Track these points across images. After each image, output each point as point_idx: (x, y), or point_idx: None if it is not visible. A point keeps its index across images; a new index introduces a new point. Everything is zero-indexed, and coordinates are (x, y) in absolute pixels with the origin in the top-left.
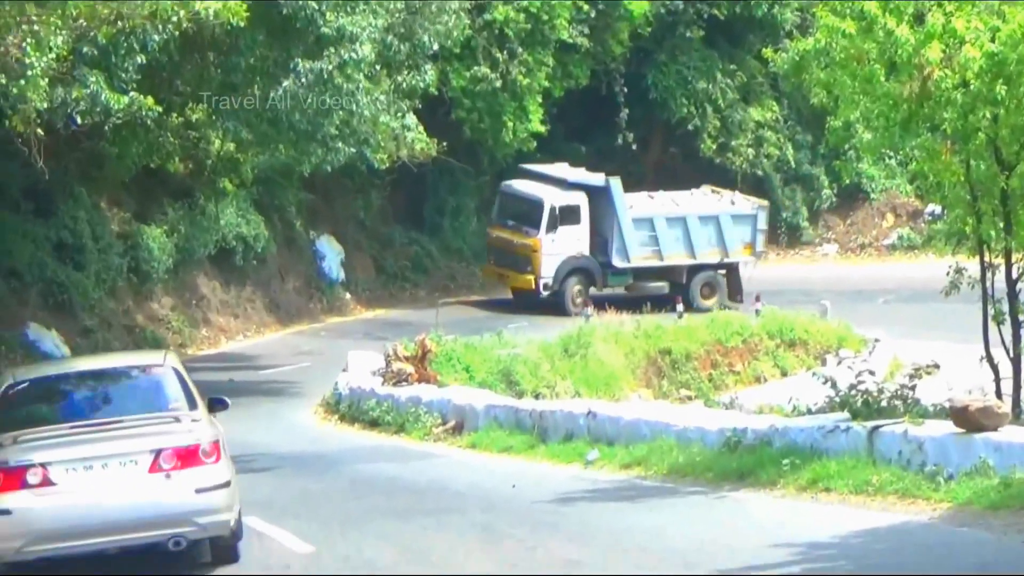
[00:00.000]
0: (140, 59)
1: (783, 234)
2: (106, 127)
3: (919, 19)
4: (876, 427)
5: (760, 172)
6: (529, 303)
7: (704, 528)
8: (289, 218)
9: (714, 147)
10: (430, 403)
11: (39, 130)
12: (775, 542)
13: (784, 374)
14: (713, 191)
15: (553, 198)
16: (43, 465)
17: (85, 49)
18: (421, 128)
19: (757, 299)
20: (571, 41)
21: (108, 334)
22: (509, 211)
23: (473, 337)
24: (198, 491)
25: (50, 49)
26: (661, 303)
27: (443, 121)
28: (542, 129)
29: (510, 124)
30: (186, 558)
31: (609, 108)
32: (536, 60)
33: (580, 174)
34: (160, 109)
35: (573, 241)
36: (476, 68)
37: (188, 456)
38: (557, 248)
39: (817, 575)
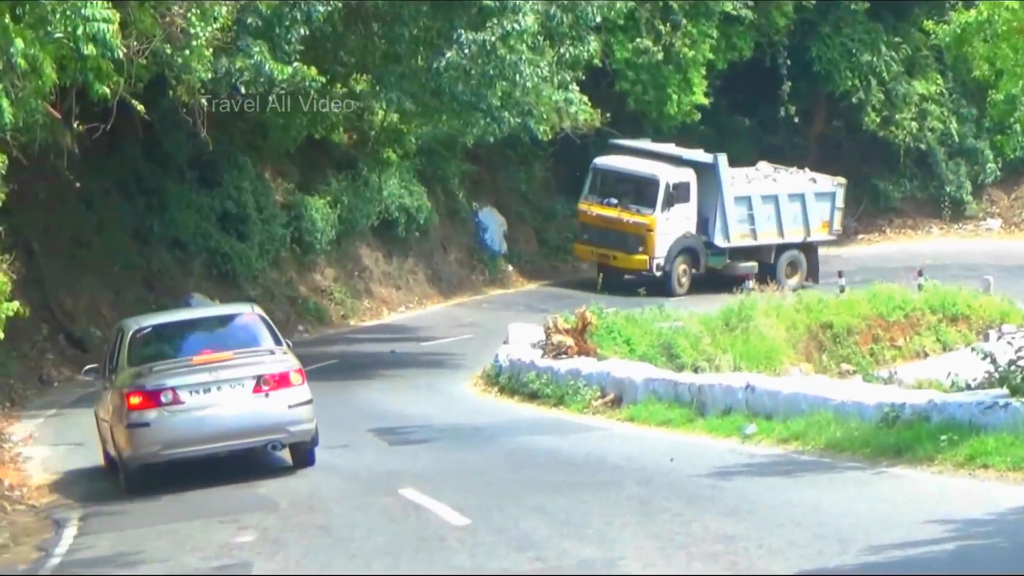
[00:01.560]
0: (303, 30)
1: (947, 208)
2: (270, 97)
3: None
4: None
5: (923, 146)
6: (617, 283)
7: (860, 503)
8: (452, 189)
9: (877, 120)
10: (589, 376)
11: (204, 100)
12: (931, 518)
13: (946, 349)
14: (774, 167)
15: (667, 175)
16: (173, 388)
17: (249, 20)
18: (584, 99)
19: (840, 275)
20: (735, 13)
21: (271, 304)
22: (609, 188)
23: (634, 310)
24: (290, 407)
25: (214, 19)
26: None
27: (606, 92)
28: (705, 101)
29: (674, 96)
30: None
31: (772, 81)
32: (700, 32)
33: (689, 151)
34: (324, 79)
35: (683, 220)
36: (639, 40)
37: (281, 380)
38: (670, 227)
39: (973, 552)
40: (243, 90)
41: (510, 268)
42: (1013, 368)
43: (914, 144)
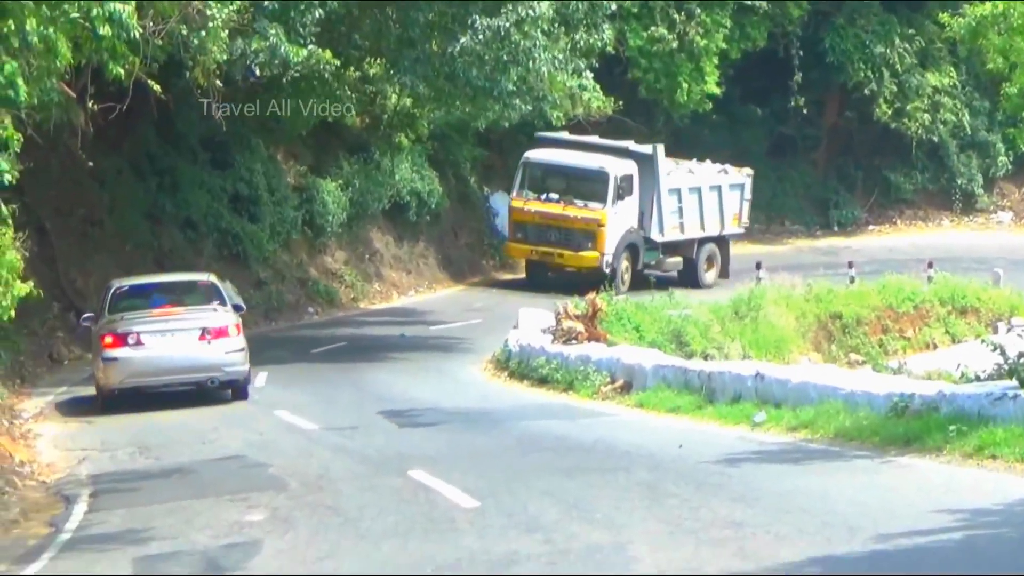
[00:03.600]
0: (319, 12)
1: (958, 201)
2: (284, 80)
3: None
4: None
5: (935, 138)
6: (544, 283)
7: (868, 492)
8: (463, 174)
9: (889, 112)
10: (599, 362)
11: (218, 81)
12: (939, 508)
13: (955, 341)
14: (675, 162)
15: (615, 168)
16: (137, 333)
17: (265, 2)
18: (597, 87)
19: (850, 266)
20: (749, 3)
21: (281, 286)
22: (547, 183)
23: (644, 297)
24: (226, 352)
25: (231, 1)
26: (668, 282)
27: (619, 80)
28: (718, 90)
29: (686, 85)
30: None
31: (785, 71)
32: (714, 21)
33: (619, 142)
34: (338, 63)
35: (628, 214)
36: (654, 28)
37: (220, 332)
38: (618, 222)
39: (980, 542)
40: (258, 72)
41: None
42: (1022, 360)
43: (926, 136)
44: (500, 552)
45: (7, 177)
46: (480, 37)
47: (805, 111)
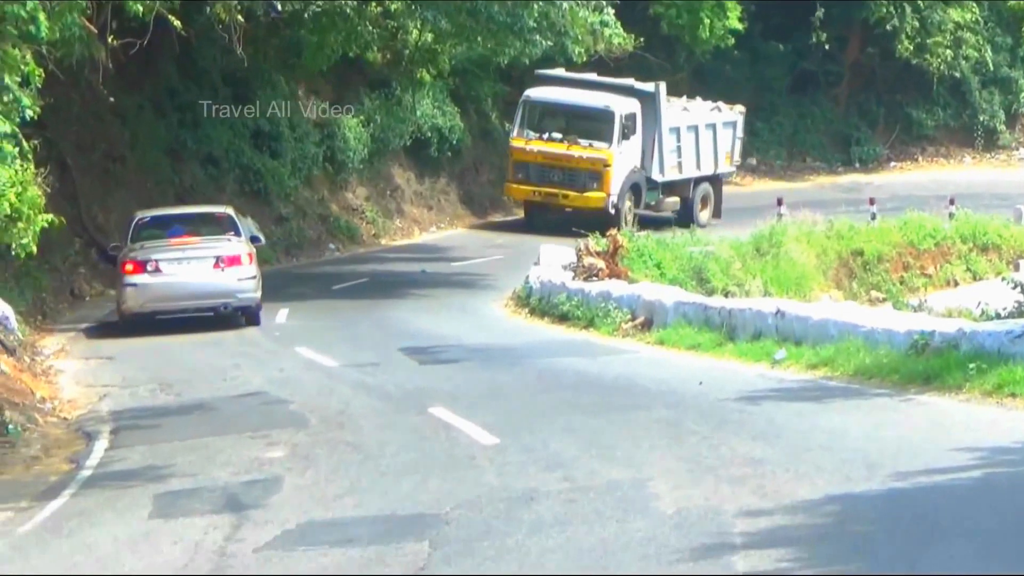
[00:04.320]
0: None
1: (980, 138)
2: (305, 15)
3: None
4: None
5: (957, 74)
6: (544, 224)
7: (888, 430)
8: (485, 110)
9: (911, 48)
10: (620, 299)
11: (239, 16)
12: (958, 446)
13: (976, 278)
14: (668, 99)
15: (620, 106)
16: (156, 260)
17: None
18: (618, 23)
19: (871, 203)
20: None
21: (303, 223)
22: (548, 122)
23: (665, 234)
24: (239, 280)
25: None
26: (662, 223)
27: (640, 16)
28: (739, 26)
29: (707, 20)
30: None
31: (807, 6)
32: None
33: (616, 80)
34: None
35: (632, 154)
36: None
37: (233, 260)
38: (623, 161)
39: (999, 479)
40: (279, 7)
41: None
42: None
43: (948, 72)
44: (520, 489)
45: (28, 112)
46: None
47: (827, 47)
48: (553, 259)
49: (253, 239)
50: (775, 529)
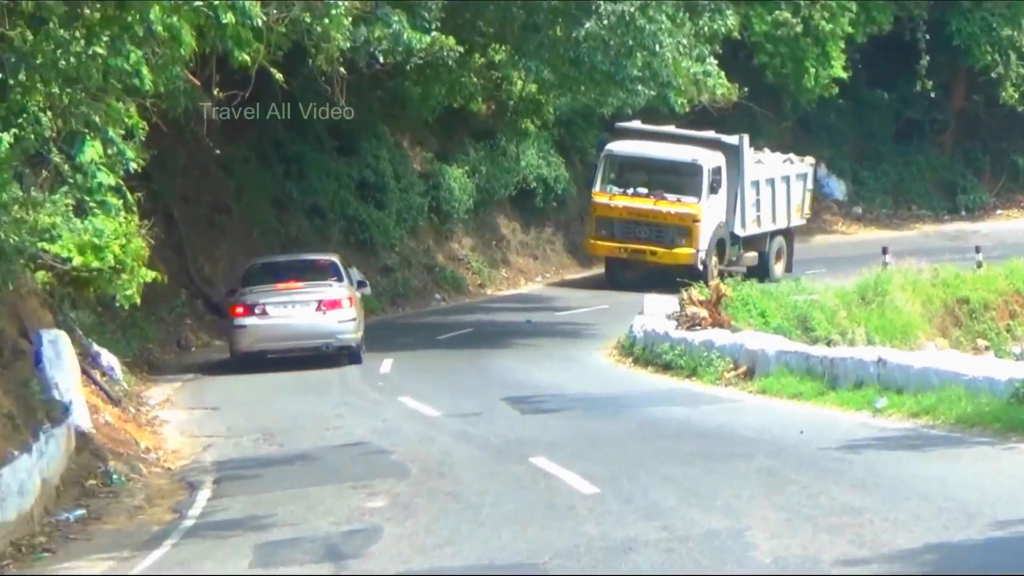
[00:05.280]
0: None
1: None
2: (408, 66)
3: None
4: None
5: None
6: (623, 280)
7: (988, 478)
8: (590, 160)
9: (1016, 95)
10: (722, 347)
11: (341, 68)
12: None
13: None
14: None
15: (707, 160)
16: (264, 304)
17: None
18: (722, 73)
19: (977, 250)
20: None
21: (408, 273)
22: (631, 177)
23: (768, 284)
24: (339, 322)
25: None
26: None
27: (744, 65)
28: (844, 74)
29: (812, 69)
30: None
31: (911, 55)
32: (839, 5)
33: (700, 132)
34: (462, 49)
35: (718, 208)
36: (778, 12)
37: (334, 304)
38: (711, 216)
39: None
40: (381, 59)
41: None
42: None
43: None
44: (618, 538)
45: (132, 164)
46: (604, 22)
47: (932, 95)
48: (657, 308)
49: (359, 284)
50: None
